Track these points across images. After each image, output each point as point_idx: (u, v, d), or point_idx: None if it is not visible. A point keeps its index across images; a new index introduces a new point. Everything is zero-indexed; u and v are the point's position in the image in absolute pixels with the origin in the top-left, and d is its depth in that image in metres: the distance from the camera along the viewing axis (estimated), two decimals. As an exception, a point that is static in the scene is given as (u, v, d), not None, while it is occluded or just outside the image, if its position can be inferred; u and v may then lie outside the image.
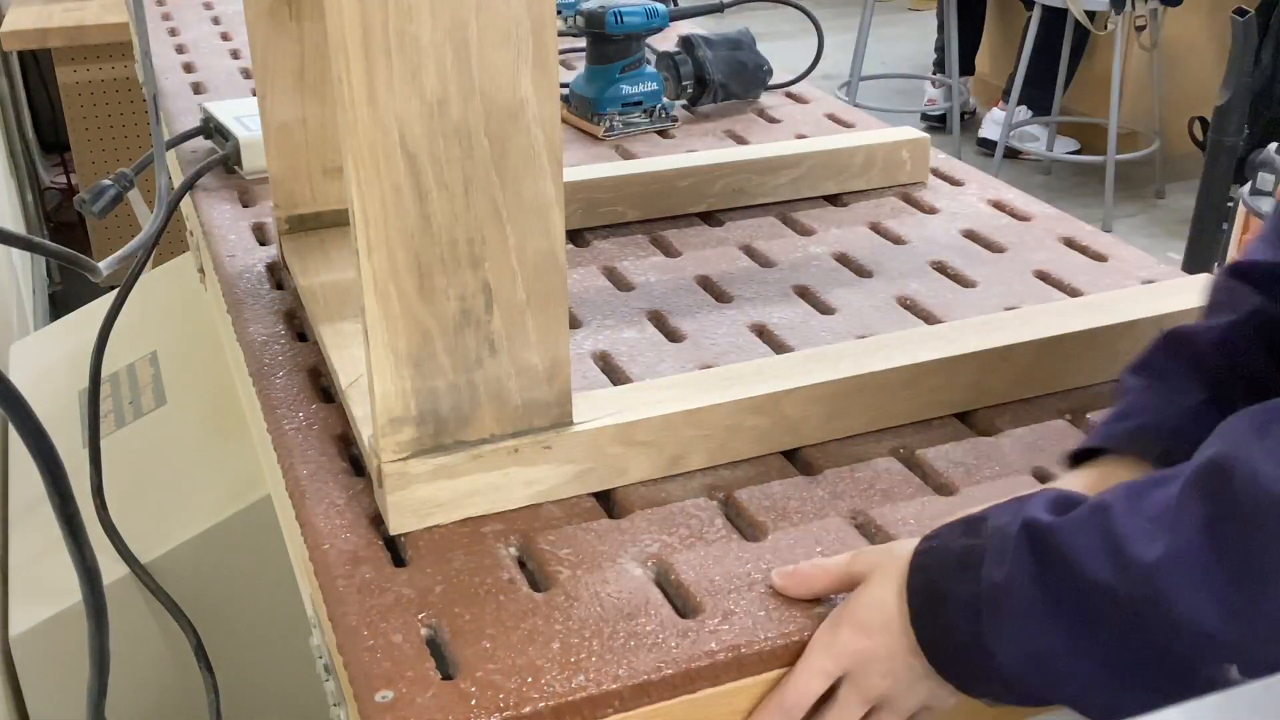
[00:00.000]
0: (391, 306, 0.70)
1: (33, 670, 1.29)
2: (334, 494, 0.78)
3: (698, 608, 0.69)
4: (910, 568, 0.64)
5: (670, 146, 1.37)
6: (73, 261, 0.82)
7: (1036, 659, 0.60)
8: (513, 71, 0.68)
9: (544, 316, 0.73)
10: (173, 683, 1.31)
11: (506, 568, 0.72)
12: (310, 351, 0.95)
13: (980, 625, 0.61)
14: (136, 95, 2.86)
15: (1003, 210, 1.20)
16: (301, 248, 1.07)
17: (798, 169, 1.22)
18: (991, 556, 0.61)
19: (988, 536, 0.62)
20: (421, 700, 0.62)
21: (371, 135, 0.66)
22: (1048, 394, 0.89)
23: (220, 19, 1.92)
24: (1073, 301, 0.96)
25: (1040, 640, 0.60)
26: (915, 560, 0.64)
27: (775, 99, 1.51)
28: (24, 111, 3.31)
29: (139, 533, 1.28)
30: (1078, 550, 0.59)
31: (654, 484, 0.80)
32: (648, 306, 1.02)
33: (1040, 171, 4.00)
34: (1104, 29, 3.56)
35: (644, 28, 1.39)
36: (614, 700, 0.64)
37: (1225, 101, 2.49)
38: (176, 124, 1.43)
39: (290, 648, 1.10)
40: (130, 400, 1.53)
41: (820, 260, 1.10)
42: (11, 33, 2.72)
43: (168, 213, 1.13)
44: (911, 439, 0.84)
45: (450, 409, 0.74)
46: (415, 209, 0.69)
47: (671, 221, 1.19)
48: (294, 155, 1.07)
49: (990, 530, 0.62)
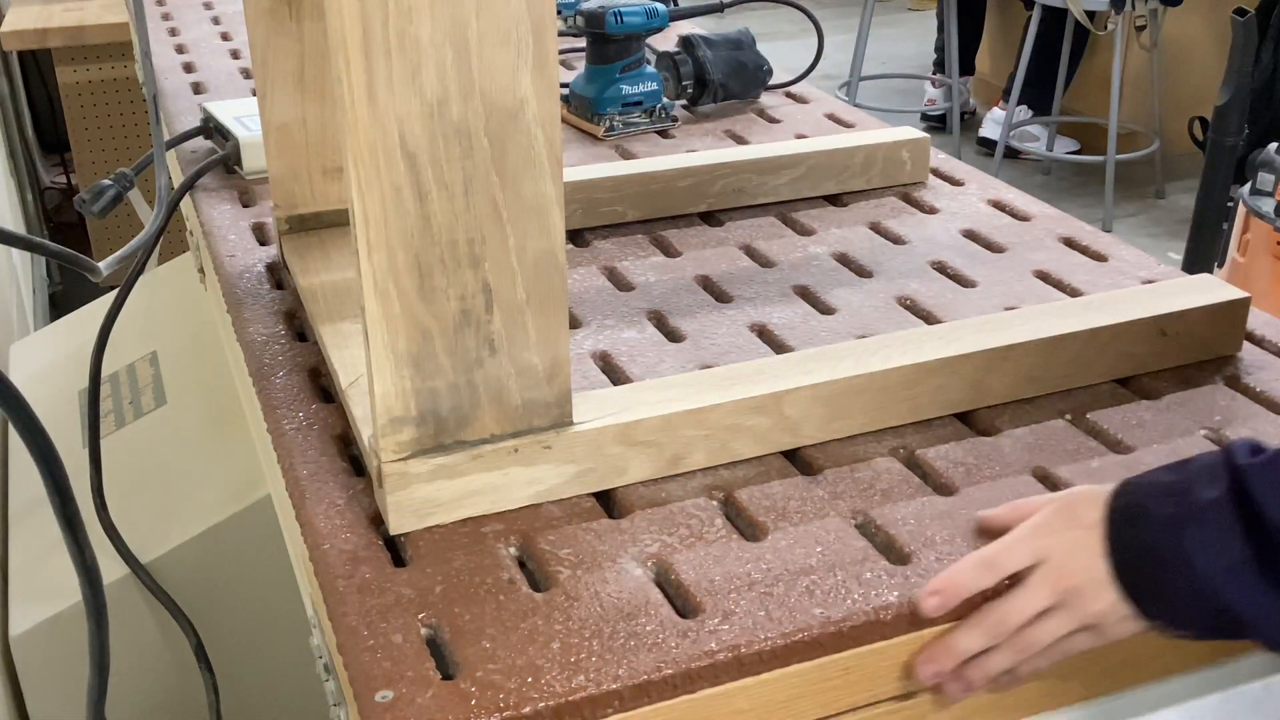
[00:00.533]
0: (391, 306, 0.70)
1: (33, 670, 1.29)
2: (334, 494, 0.78)
3: (698, 608, 0.69)
4: (1112, 493, 0.68)
5: (670, 146, 1.37)
6: (73, 261, 0.82)
7: (1234, 572, 0.63)
8: (513, 71, 0.68)
9: (544, 316, 0.73)
10: (173, 683, 1.31)
11: (506, 568, 0.72)
12: (310, 351, 0.95)
13: (1182, 536, 0.64)
14: (136, 95, 2.86)
15: (1003, 210, 1.20)
16: (301, 248, 1.07)
17: (798, 169, 1.22)
18: (1200, 482, 0.65)
19: (1194, 471, 0.66)
20: (421, 700, 0.62)
21: (371, 135, 0.66)
22: (1048, 394, 0.89)
23: (220, 19, 1.92)
24: (1073, 301, 0.96)
25: (1240, 554, 0.63)
26: (1118, 488, 0.68)
27: (775, 99, 1.51)
28: (24, 111, 3.32)
29: (139, 533, 1.28)
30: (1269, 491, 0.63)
31: (654, 484, 0.80)
32: (648, 306, 1.02)
33: (1040, 171, 4.00)
34: (1104, 29, 3.56)
35: (644, 28, 1.39)
36: (614, 700, 0.64)
37: (1225, 101, 2.48)
38: (176, 124, 1.43)
39: (290, 648, 1.10)
40: (130, 400, 1.53)
41: (820, 260, 1.10)
42: (11, 33, 2.72)
43: (168, 213, 1.13)
44: (911, 439, 0.84)
45: (450, 409, 0.74)
46: (415, 209, 0.69)
47: (671, 221, 1.19)
48: (294, 155, 1.07)
49: (1196, 466, 0.67)
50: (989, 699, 0.71)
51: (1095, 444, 0.83)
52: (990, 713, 0.72)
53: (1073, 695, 0.74)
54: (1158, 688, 0.76)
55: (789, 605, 0.69)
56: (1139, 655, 0.74)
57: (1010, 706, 0.72)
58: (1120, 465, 0.81)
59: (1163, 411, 0.87)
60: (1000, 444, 0.84)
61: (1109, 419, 0.86)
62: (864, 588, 0.70)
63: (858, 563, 0.72)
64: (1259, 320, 0.98)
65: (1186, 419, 0.86)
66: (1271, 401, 0.88)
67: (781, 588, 0.70)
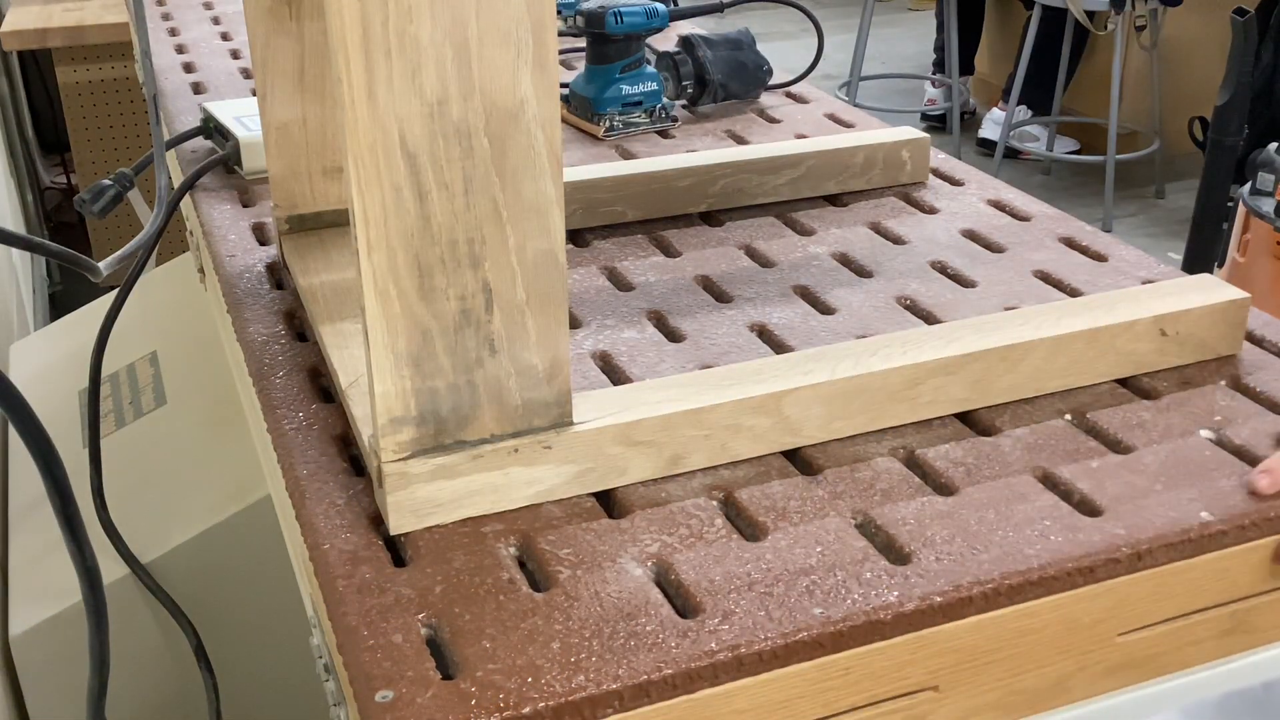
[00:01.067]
0: (391, 306, 0.70)
1: (33, 670, 1.29)
2: (334, 494, 0.78)
3: (698, 608, 0.69)
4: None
5: (670, 146, 1.37)
6: (73, 261, 0.83)
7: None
8: (513, 71, 0.68)
9: (544, 316, 0.73)
10: (173, 683, 1.31)
11: (506, 568, 0.72)
12: (310, 351, 0.95)
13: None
14: (136, 95, 2.86)
15: (1003, 210, 1.20)
16: (301, 248, 1.07)
17: (798, 169, 1.22)
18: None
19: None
20: (421, 700, 0.62)
21: (371, 135, 0.66)
22: (1048, 394, 0.89)
23: (220, 19, 1.92)
24: (1073, 301, 0.96)
25: None
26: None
27: (775, 99, 1.52)
28: (24, 111, 3.32)
29: (139, 533, 1.28)
30: None
31: (654, 484, 0.80)
32: (648, 306, 1.02)
33: (1040, 171, 4.01)
34: (1104, 29, 3.56)
35: (644, 28, 1.39)
36: (614, 700, 0.64)
37: (1225, 101, 2.49)
38: (176, 124, 1.43)
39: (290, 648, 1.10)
40: (130, 400, 1.53)
41: (820, 260, 1.11)
42: (11, 33, 2.72)
43: (168, 213, 1.13)
44: (911, 439, 0.84)
45: (450, 409, 0.74)
46: (415, 209, 0.69)
47: (671, 221, 1.19)
48: (294, 155, 1.07)
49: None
50: (989, 699, 0.71)
51: (1095, 444, 0.83)
52: (990, 713, 0.72)
53: (1073, 695, 0.74)
54: (1158, 688, 0.76)
55: (789, 605, 0.69)
56: (1139, 655, 0.74)
57: (1010, 706, 0.73)
58: (1120, 465, 0.81)
59: (1163, 411, 0.87)
60: (1000, 444, 0.84)
61: (1109, 419, 0.86)
62: (864, 588, 0.70)
63: (858, 563, 0.72)
64: (1259, 320, 0.98)
65: (1186, 419, 0.86)
66: (1271, 401, 0.88)
67: (781, 588, 0.70)
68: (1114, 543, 0.73)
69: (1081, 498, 0.78)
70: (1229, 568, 0.75)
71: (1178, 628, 0.76)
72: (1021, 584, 0.70)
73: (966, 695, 0.71)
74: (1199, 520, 0.75)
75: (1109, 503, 0.77)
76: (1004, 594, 0.70)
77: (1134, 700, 0.76)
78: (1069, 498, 0.78)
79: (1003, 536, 0.74)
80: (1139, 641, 0.72)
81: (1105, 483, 0.79)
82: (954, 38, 4.02)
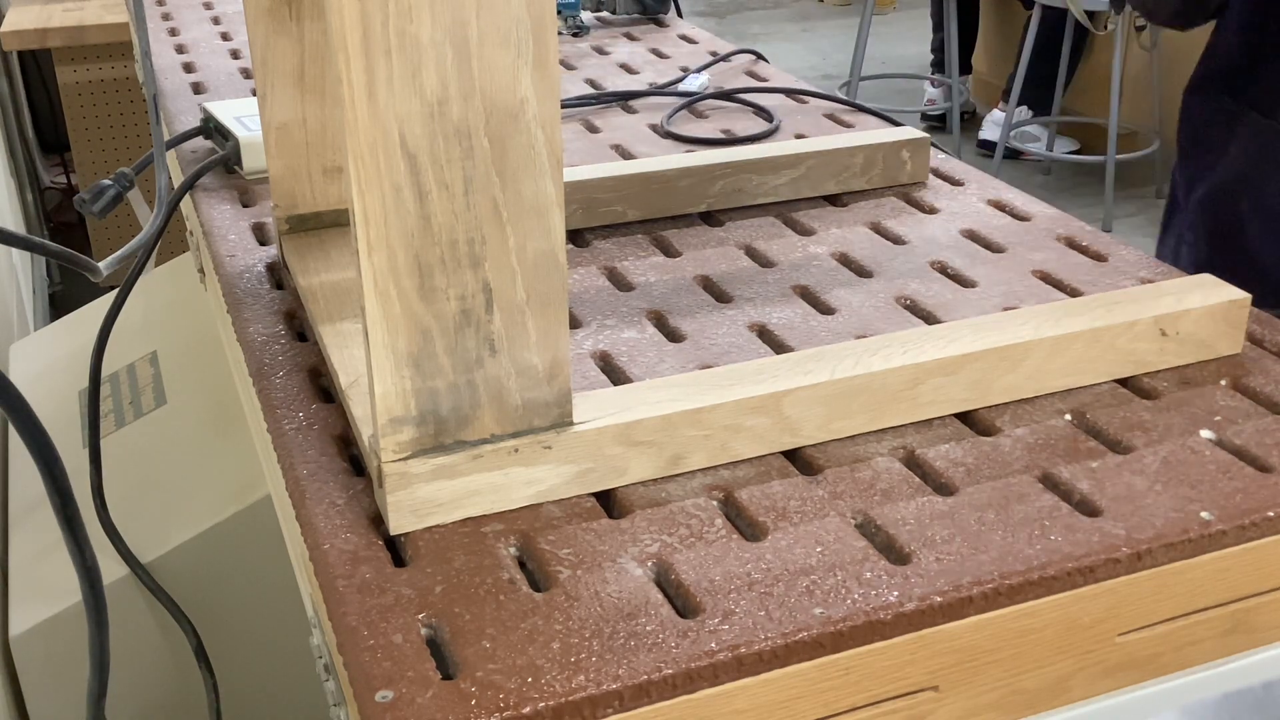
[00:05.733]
0: (391, 306, 0.70)
1: (33, 670, 1.29)
2: (334, 494, 0.78)
3: (698, 608, 0.69)
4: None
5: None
6: (73, 261, 0.83)
7: None
8: (513, 71, 0.68)
9: (544, 317, 0.73)
10: (173, 683, 1.31)
11: (506, 568, 0.72)
12: (310, 351, 0.95)
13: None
14: (136, 95, 2.86)
15: (1003, 210, 1.20)
16: (301, 248, 1.07)
17: (798, 169, 1.22)
18: None
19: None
20: (421, 700, 0.62)
21: (371, 135, 0.66)
22: (1048, 394, 0.89)
23: (220, 19, 1.92)
24: (1073, 301, 0.96)
25: None
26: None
27: (775, 99, 1.51)
28: (24, 111, 3.32)
29: (139, 533, 1.28)
30: None
31: (654, 484, 0.80)
32: (648, 306, 1.02)
33: (1040, 171, 4.01)
34: (1104, 29, 3.56)
35: None
36: (614, 700, 0.64)
37: (1225, 101, 2.48)
38: (176, 124, 1.43)
39: (290, 648, 1.10)
40: (130, 400, 1.53)
41: (820, 260, 1.11)
42: (11, 33, 2.72)
43: (168, 213, 1.13)
44: (911, 439, 0.84)
45: (450, 409, 0.74)
46: (415, 209, 0.69)
47: (671, 221, 1.19)
48: (294, 155, 1.07)
49: None
50: (989, 699, 0.71)
51: (1095, 444, 0.83)
52: (990, 713, 0.72)
53: (1073, 695, 0.74)
54: (1158, 687, 0.76)
55: (789, 605, 0.69)
56: (1139, 655, 0.74)
57: (1010, 706, 0.73)
58: (1120, 465, 0.81)
59: (1163, 412, 0.87)
60: (1000, 444, 0.84)
61: (1109, 419, 0.86)
62: (864, 588, 0.70)
63: (858, 563, 0.72)
64: (1259, 320, 0.98)
65: (1187, 419, 0.86)
66: (1271, 401, 0.88)
67: (781, 587, 0.70)
68: (1114, 543, 0.73)
69: (1081, 498, 0.78)
70: (1229, 568, 0.75)
71: (1178, 628, 0.76)
72: (1021, 584, 0.70)
73: (966, 695, 0.71)
74: (1199, 520, 0.75)
75: (1109, 503, 0.77)
76: (1004, 594, 0.70)
77: (1134, 700, 0.76)
78: (1069, 498, 0.78)
79: (1003, 536, 0.74)
80: (1139, 641, 0.72)
81: (1105, 483, 0.79)
82: (954, 37, 4.02)
